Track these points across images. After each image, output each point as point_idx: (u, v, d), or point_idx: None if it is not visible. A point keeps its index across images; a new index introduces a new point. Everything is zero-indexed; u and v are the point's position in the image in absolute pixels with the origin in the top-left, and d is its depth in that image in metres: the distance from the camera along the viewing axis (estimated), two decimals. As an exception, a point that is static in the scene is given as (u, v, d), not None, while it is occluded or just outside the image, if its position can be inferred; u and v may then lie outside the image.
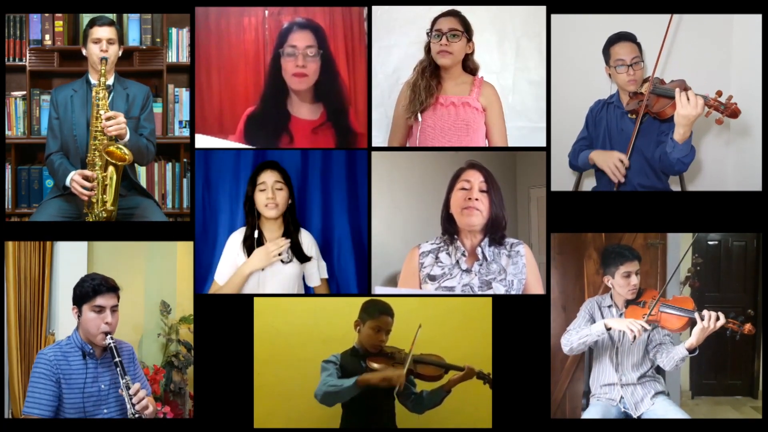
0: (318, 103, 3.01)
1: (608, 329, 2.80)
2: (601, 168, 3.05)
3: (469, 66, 3.01)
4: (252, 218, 2.95)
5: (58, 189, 3.05)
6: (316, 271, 3.02)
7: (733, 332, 2.71)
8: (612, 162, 3.00)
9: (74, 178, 2.95)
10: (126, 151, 2.95)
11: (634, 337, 2.74)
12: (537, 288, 2.83)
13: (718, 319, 2.69)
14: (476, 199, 2.76)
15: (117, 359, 2.58)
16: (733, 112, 2.80)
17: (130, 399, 2.54)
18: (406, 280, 2.85)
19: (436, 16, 2.96)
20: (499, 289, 2.77)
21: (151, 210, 3.09)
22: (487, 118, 3.01)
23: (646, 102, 2.95)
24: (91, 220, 2.97)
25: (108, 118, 2.92)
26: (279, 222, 2.97)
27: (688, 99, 2.78)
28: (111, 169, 2.95)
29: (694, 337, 2.71)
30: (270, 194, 2.90)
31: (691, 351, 2.73)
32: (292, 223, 2.98)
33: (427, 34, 2.96)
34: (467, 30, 2.95)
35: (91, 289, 2.61)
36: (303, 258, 2.97)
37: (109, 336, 2.60)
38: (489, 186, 2.78)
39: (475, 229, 2.79)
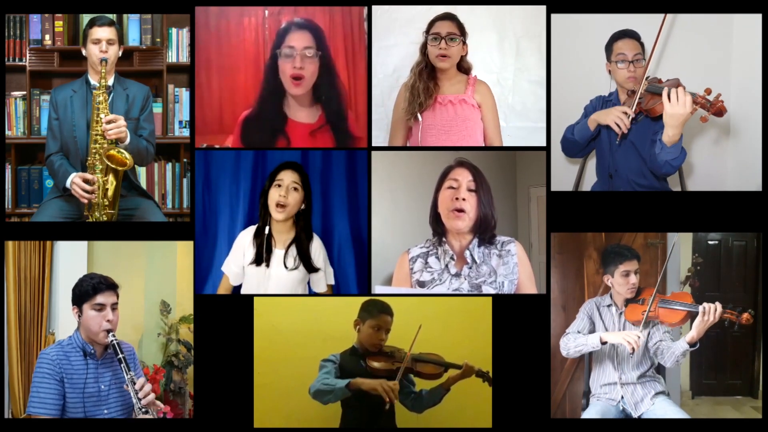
0: (316, 106, 2.99)
1: (603, 343, 2.80)
2: (604, 124, 3.00)
3: (463, 66, 3.03)
4: (265, 213, 2.94)
5: (58, 190, 3.04)
6: (323, 278, 3.00)
7: (732, 322, 2.71)
8: (615, 114, 2.94)
9: (75, 181, 2.94)
10: (127, 155, 2.93)
11: (633, 350, 2.73)
12: (530, 287, 2.79)
13: (716, 310, 2.69)
14: (463, 199, 2.72)
15: (120, 356, 2.58)
16: (719, 110, 2.72)
17: (137, 393, 2.54)
18: (398, 286, 2.83)
19: (432, 19, 2.97)
20: (489, 291, 2.76)
21: (151, 211, 3.09)
22: (482, 114, 3.01)
23: (638, 99, 2.92)
24: (92, 221, 2.97)
25: (108, 122, 2.92)
26: (290, 224, 2.95)
27: (677, 98, 2.70)
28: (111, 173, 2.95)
29: (695, 330, 2.71)
30: (283, 192, 2.88)
31: (692, 344, 2.73)
32: (304, 229, 2.95)
33: (424, 35, 2.97)
34: (463, 33, 2.97)
35: (91, 287, 2.61)
36: (310, 268, 2.95)
37: (111, 333, 2.61)
38: (477, 185, 2.74)
39: (463, 231, 2.76)
